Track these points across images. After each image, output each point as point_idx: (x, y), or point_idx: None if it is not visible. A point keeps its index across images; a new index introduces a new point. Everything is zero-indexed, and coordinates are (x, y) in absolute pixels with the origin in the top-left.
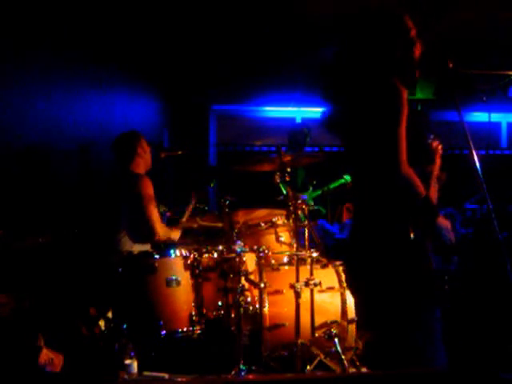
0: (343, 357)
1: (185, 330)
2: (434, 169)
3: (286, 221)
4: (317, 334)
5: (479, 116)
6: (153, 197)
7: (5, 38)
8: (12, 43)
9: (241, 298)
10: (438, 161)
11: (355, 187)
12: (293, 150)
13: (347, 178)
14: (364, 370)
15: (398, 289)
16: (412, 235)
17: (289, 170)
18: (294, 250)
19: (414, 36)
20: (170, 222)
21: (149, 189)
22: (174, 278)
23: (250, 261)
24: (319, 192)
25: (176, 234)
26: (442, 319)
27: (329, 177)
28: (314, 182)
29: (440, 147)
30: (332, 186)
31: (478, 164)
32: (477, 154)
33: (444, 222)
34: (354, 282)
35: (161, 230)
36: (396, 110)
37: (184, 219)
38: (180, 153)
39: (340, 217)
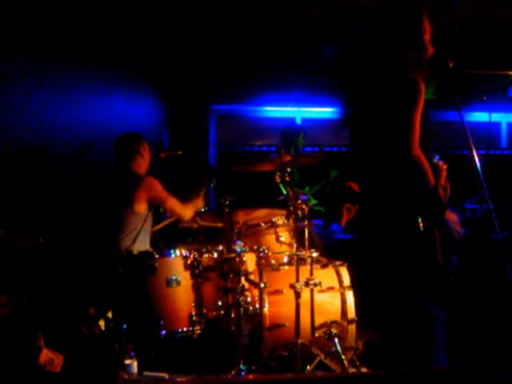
0: (343, 357)
1: (185, 329)
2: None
3: (285, 221)
4: (317, 334)
5: (479, 116)
6: (164, 190)
7: (5, 38)
8: (12, 43)
9: (241, 298)
10: (443, 180)
11: (364, 183)
12: (285, 150)
13: (333, 173)
14: (364, 369)
15: (404, 281)
16: (422, 227)
17: (289, 169)
18: (294, 250)
19: (428, 37)
20: (170, 222)
21: (158, 186)
22: (174, 277)
23: (250, 261)
24: (317, 188)
25: (199, 203)
26: (444, 319)
27: (322, 175)
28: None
29: (445, 167)
30: (322, 183)
31: (478, 164)
32: (477, 154)
33: (451, 216)
34: (361, 276)
35: (186, 213)
36: (413, 96)
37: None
38: (180, 153)
39: (340, 217)
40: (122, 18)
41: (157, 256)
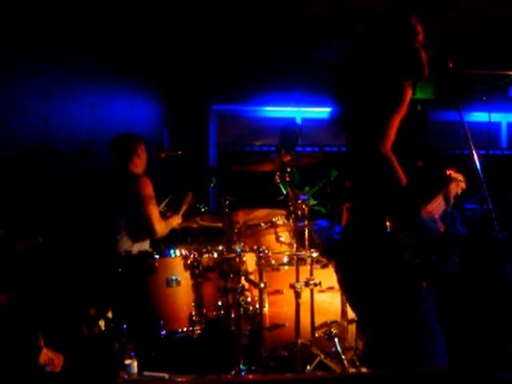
0: (343, 357)
1: (185, 329)
2: (445, 190)
3: (285, 221)
4: (317, 334)
5: (479, 116)
6: (152, 196)
7: (5, 37)
8: (12, 43)
9: (241, 298)
10: (453, 186)
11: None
12: (285, 150)
13: (333, 173)
14: (364, 370)
15: (377, 284)
16: (388, 227)
17: (289, 169)
18: (294, 250)
19: (421, 40)
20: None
21: (148, 188)
22: (174, 277)
23: (250, 261)
24: (317, 188)
25: (176, 221)
26: (438, 318)
27: (321, 175)
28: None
29: (460, 178)
30: (322, 183)
31: (478, 164)
32: (477, 154)
33: (428, 214)
34: (342, 280)
35: (160, 229)
36: (395, 98)
37: (182, 211)
38: (180, 153)
39: (340, 217)
40: (123, 19)
41: (157, 256)
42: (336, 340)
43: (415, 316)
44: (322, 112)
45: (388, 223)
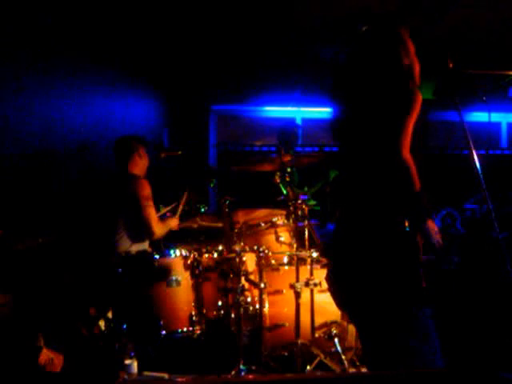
0: (343, 357)
1: (185, 330)
2: None
3: (285, 221)
4: (317, 334)
5: (479, 116)
6: (150, 197)
7: (5, 38)
8: (12, 43)
9: (241, 298)
10: None
11: (348, 183)
12: (284, 150)
13: (333, 173)
14: (364, 370)
15: (391, 283)
16: (407, 227)
17: (289, 170)
18: (294, 250)
19: (413, 51)
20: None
21: (146, 190)
22: (174, 278)
23: (250, 261)
24: (317, 188)
25: (174, 223)
26: (434, 318)
27: (321, 175)
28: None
29: None
30: (322, 183)
31: (477, 164)
32: (477, 154)
33: (432, 225)
34: (342, 280)
35: (158, 229)
36: (409, 100)
37: (178, 212)
38: (180, 153)
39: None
40: (124, 20)
41: (157, 256)
42: (336, 340)
43: (413, 316)
44: (322, 112)
45: (407, 223)
